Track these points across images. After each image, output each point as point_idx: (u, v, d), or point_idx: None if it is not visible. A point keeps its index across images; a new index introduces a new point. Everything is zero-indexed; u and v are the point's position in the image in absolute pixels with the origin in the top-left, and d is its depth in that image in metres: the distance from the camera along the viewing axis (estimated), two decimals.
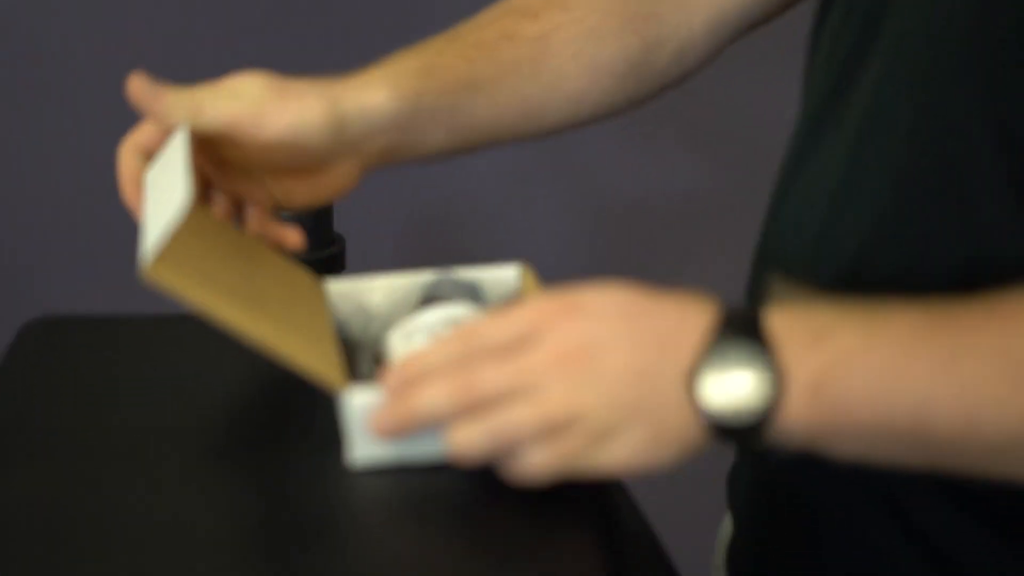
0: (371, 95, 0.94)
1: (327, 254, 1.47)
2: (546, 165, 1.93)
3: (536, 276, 0.91)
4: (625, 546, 0.96)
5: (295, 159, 0.92)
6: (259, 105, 0.90)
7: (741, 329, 0.76)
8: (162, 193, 0.81)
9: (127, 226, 1.90)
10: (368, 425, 0.78)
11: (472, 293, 0.91)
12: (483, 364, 0.77)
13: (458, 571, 0.72)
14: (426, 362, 0.78)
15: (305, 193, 0.94)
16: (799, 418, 0.76)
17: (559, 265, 1.86)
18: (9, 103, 1.86)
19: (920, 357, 0.76)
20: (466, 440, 0.76)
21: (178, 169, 0.80)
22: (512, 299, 0.93)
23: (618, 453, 0.76)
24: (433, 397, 0.77)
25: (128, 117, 1.87)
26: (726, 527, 1.08)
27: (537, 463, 0.76)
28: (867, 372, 0.75)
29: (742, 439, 0.76)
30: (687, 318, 0.77)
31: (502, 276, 0.93)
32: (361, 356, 0.89)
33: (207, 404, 0.87)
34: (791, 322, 0.77)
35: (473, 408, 0.76)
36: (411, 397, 0.77)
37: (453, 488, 0.79)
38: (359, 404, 0.79)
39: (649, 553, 1.02)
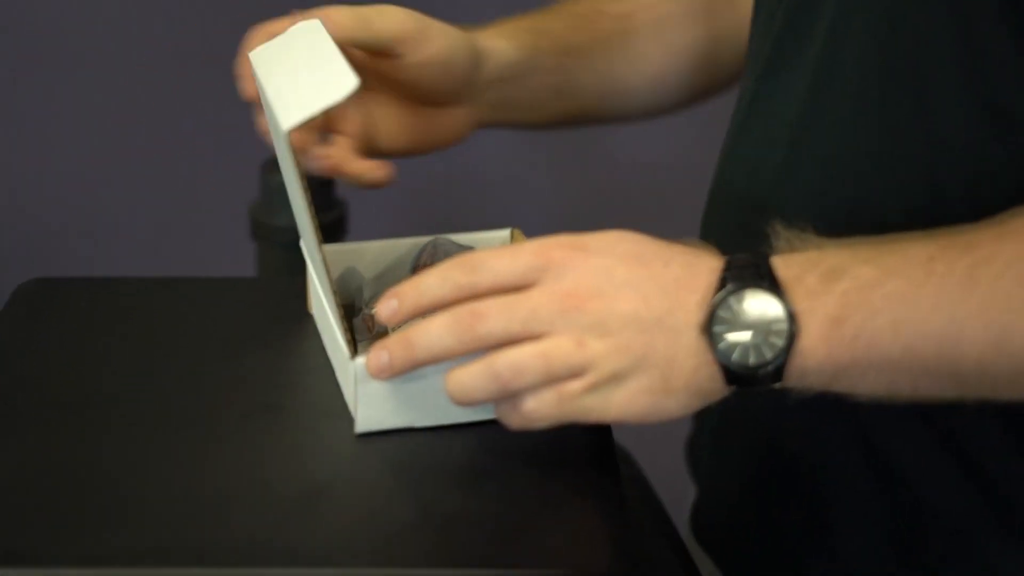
0: (497, 41, 0.98)
1: (328, 218, 1.46)
2: (550, 136, 1.91)
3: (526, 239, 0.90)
4: (632, 514, 0.95)
5: (437, 85, 0.94)
6: (421, 23, 0.92)
7: (751, 274, 0.75)
8: (299, 72, 0.79)
9: (125, 195, 1.89)
10: (367, 365, 0.76)
11: None
12: (487, 299, 0.75)
13: (461, 537, 0.71)
14: (426, 287, 0.76)
15: (415, 134, 0.96)
16: (819, 356, 0.74)
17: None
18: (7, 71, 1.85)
19: (939, 279, 0.75)
20: (468, 379, 0.74)
21: (330, 54, 0.78)
22: None
23: (623, 400, 0.75)
24: (434, 331, 0.75)
25: (129, 81, 1.85)
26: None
27: (539, 407, 0.74)
28: (887, 301, 0.74)
29: (757, 383, 0.75)
30: (695, 264, 0.76)
31: (494, 240, 0.92)
32: (354, 320, 0.88)
33: (205, 367, 0.85)
34: (802, 263, 0.76)
35: (475, 345, 0.74)
36: (410, 327, 0.75)
37: (458, 455, 0.78)
38: (361, 368, 0.77)
39: (655, 521, 1.01)
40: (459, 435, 0.79)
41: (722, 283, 0.75)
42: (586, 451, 0.79)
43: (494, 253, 0.76)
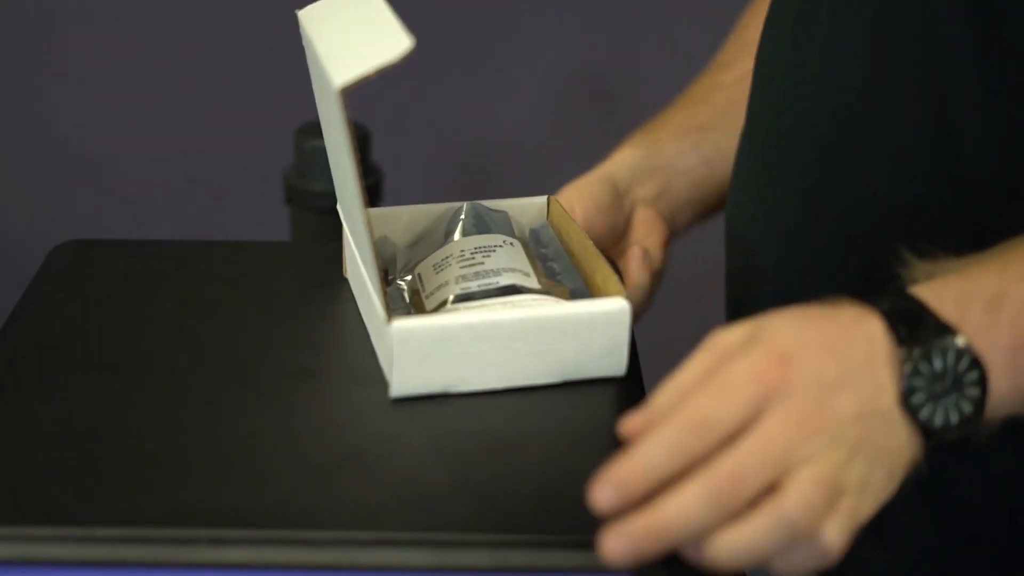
0: (619, 155, 1.05)
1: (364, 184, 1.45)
2: (590, 108, 1.90)
3: (563, 208, 0.90)
4: None
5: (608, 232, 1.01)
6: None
7: (919, 325, 0.73)
8: (351, 32, 0.78)
9: (161, 157, 1.89)
10: (604, 549, 0.67)
11: (500, 223, 0.90)
12: (731, 456, 0.69)
13: (494, 504, 0.71)
14: (652, 465, 0.69)
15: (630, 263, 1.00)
16: (1004, 390, 0.74)
17: None
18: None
19: None
20: (749, 538, 0.68)
21: (382, 14, 0.77)
22: (541, 224, 0.92)
23: (877, 496, 0.72)
24: (691, 511, 0.68)
25: (164, 44, 1.85)
26: None
27: (838, 534, 0.70)
28: None
29: (961, 435, 0.74)
30: (864, 329, 0.74)
31: (530, 206, 0.92)
32: (388, 288, 0.87)
33: (240, 331, 0.85)
34: (958, 299, 0.74)
35: (739, 509, 0.68)
36: (654, 508, 0.68)
37: (493, 421, 0.77)
38: (400, 332, 0.77)
39: None
40: (494, 401, 0.78)
41: (899, 342, 0.73)
42: (621, 419, 0.78)
43: (706, 401, 0.70)
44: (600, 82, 1.91)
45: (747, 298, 1.01)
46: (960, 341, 0.73)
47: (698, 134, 1.07)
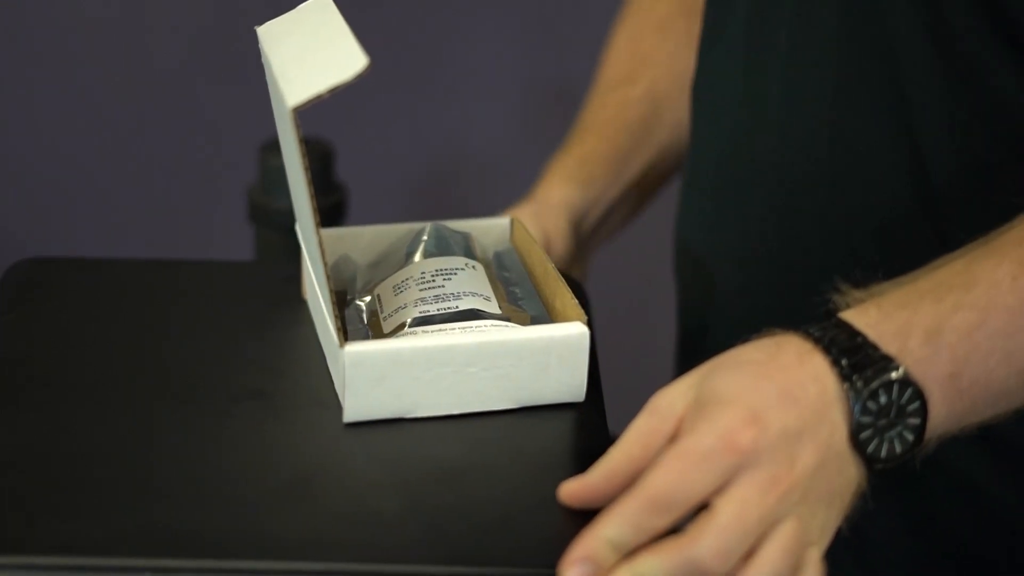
0: (568, 193, 1.06)
1: (328, 202, 1.44)
2: (559, 124, 1.90)
3: (527, 229, 0.90)
4: None
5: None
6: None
7: (862, 361, 0.74)
8: (308, 50, 0.77)
9: (123, 176, 1.88)
10: None
11: (463, 245, 0.89)
12: (700, 540, 0.69)
13: (447, 532, 0.70)
14: (621, 544, 0.69)
15: None
16: (942, 416, 0.75)
17: None
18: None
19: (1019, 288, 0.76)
20: None
21: (340, 33, 0.76)
22: (505, 247, 0.91)
23: (831, 532, 0.74)
24: None
25: (127, 62, 1.84)
26: None
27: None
28: (993, 340, 0.75)
29: (900, 464, 0.75)
30: (811, 370, 0.74)
31: (493, 227, 0.91)
32: (346, 309, 0.86)
33: (195, 351, 0.84)
34: (898, 330, 0.75)
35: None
36: None
37: (447, 447, 0.76)
38: (352, 356, 0.76)
39: None
40: (450, 427, 0.77)
41: (843, 378, 0.74)
42: (579, 447, 0.77)
43: (674, 472, 0.70)
44: (567, 97, 1.90)
45: (705, 325, 1.01)
46: (902, 373, 0.73)
47: (620, 164, 1.08)
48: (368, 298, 0.85)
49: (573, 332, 0.78)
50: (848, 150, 0.90)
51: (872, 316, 0.75)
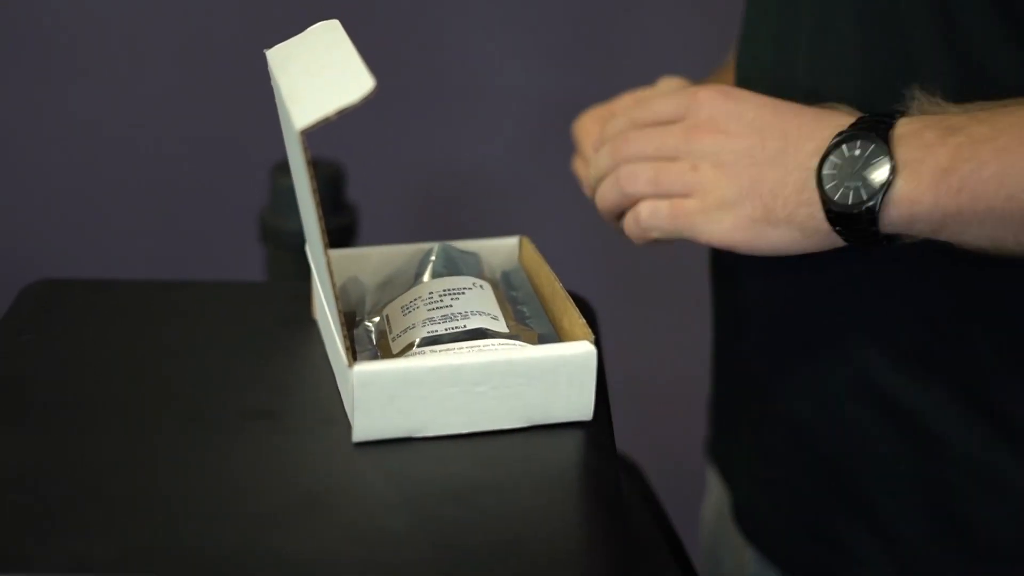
0: None
1: (339, 223, 1.45)
2: (568, 145, 1.90)
3: (536, 247, 0.90)
4: (634, 529, 0.94)
5: None
6: None
7: (869, 126, 0.81)
8: (315, 73, 0.78)
9: (135, 197, 1.88)
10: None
11: (471, 265, 0.89)
12: (637, 133, 0.89)
13: (455, 550, 0.70)
14: (612, 125, 0.92)
15: None
16: (926, 203, 0.80)
17: (569, 243, 1.84)
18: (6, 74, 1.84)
19: None
20: (603, 187, 0.90)
21: (347, 56, 0.77)
22: (513, 266, 0.92)
23: (730, 226, 0.84)
24: (600, 154, 0.91)
25: (140, 81, 1.85)
26: (713, 497, 1.11)
27: (652, 215, 0.87)
28: (995, 155, 0.79)
29: (856, 222, 0.81)
30: (825, 117, 0.84)
31: (501, 247, 0.91)
32: (355, 331, 0.87)
33: (207, 371, 0.85)
34: (925, 120, 0.81)
35: (622, 161, 0.89)
36: (587, 152, 0.99)
37: (456, 466, 0.76)
38: (361, 376, 0.76)
39: (660, 536, 1.00)
40: (458, 446, 0.77)
41: (840, 133, 0.82)
42: (588, 464, 0.78)
43: (660, 93, 0.91)
44: (574, 116, 1.91)
45: (736, 330, 1.02)
46: (885, 141, 0.80)
47: None
48: (377, 318, 0.86)
49: (581, 351, 0.78)
50: None
51: (919, 114, 0.83)
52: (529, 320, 0.86)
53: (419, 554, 0.69)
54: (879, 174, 0.80)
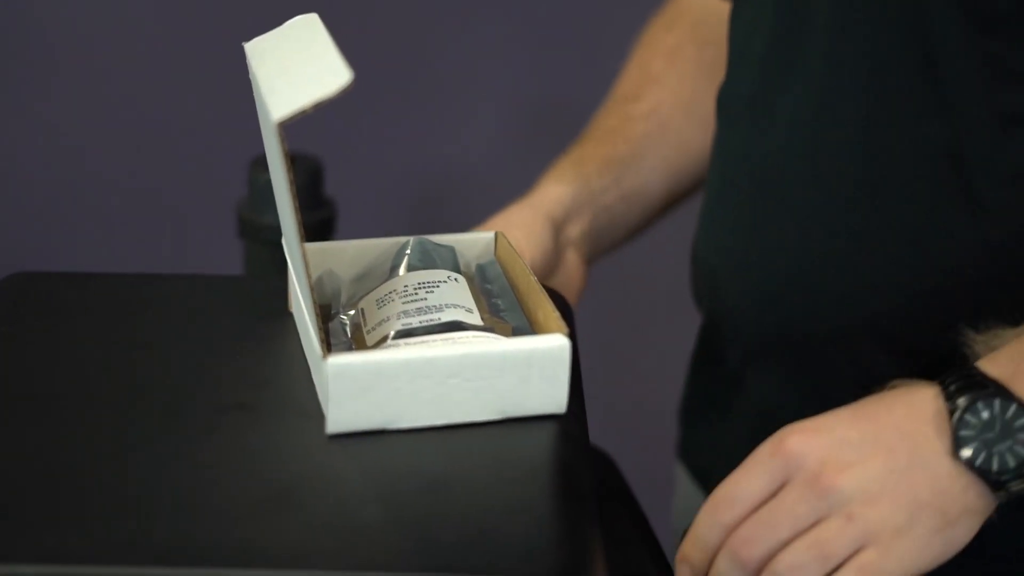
0: (552, 190, 1.05)
1: (317, 217, 1.45)
2: (546, 141, 1.90)
3: (512, 242, 0.90)
4: (607, 522, 0.94)
5: (545, 274, 1.02)
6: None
7: (971, 384, 0.76)
8: (293, 65, 0.78)
9: (112, 190, 1.88)
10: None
11: (446, 258, 0.89)
12: (748, 522, 0.77)
13: (428, 542, 0.70)
14: (704, 540, 0.79)
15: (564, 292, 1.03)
16: None
17: None
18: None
19: None
20: None
21: (325, 48, 0.77)
22: (488, 260, 0.92)
23: (917, 550, 0.76)
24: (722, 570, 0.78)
25: (117, 77, 1.85)
26: (682, 498, 1.11)
27: None
28: None
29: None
30: (913, 397, 0.77)
31: (477, 241, 0.92)
32: (330, 323, 0.87)
33: (182, 364, 0.85)
34: (1010, 358, 0.77)
35: (760, 568, 0.77)
36: None
37: (430, 458, 0.77)
38: (335, 368, 0.76)
39: (635, 530, 1.01)
40: (432, 438, 0.78)
41: (949, 403, 0.76)
42: (561, 457, 0.78)
43: (736, 476, 0.78)
44: (553, 113, 1.91)
45: (721, 352, 1.01)
46: (1003, 392, 0.75)
47: (619, 169, 1.08)
48: (352, 312, 0.86)
49: (555, 344, 0.79)
50: (884, 162, 0.90)
51: (992, 353, 0.78)
52: (504, 313, 0.86)
53: (391, 546, 0.70)
54: (1021, 425, 0.76)
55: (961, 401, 0.76)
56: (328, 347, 0.79)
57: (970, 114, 0.86)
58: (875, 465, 0.76)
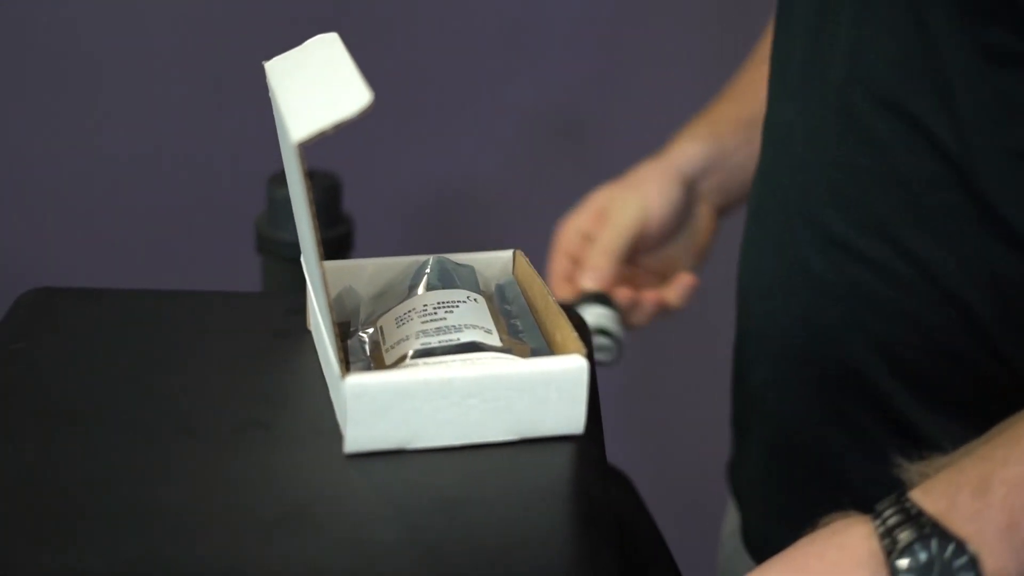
0: (687, 148, 1.13)
1: (335, 234, 1.45)
2: (563, 157, 1.91)
3: (530, 261, 0.90)
4: (628, 545, 0.94)
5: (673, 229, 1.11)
6: (643, 213, 1.11)
7: (905, 523, 0.74)
8: (313, 85, 0.78)
9: (131, 205, 1.89)
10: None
11: (466, 278, 0.89)
12: None
13: (444, 563, 0.70)
14: None
15: (693, 249, 1.13)
16: (1009, 567, 0.74)
17: None
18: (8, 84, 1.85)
19: None
20: None
21: (345, 69, 0.77)
22: (507, 279, 0.92)
23: None
24: None
25: (136, 91, 1.85)
26: (731, 520, 1.11)
27: None
28: None
29: None
30: (846, 540, 0.76)
31: (495, 260, 0.92)
32: (348, 340, 0.87)
33: (199, 382, 0.85)
34: (945, 490, 0.75)
35: None
36: None
37: (447, 478, 0.76)
38: (354, 387, 0.76)
39: (652, 551, 1.00)
40: (449, 458, 0.78)
41: (885, 541, 0.74)
42: (579, 478, 0.78)
43: None
44: (573, 129, 1.91)
45: (746, 370, 1.02)
46: (939, 531, 0.73)
47: (749, 130, 1.12)
48: (371, 330, 0.86)
49: (573, 365, 0.79)
50: (906, 191, 0.90)
51: (925, 484, 0.76)
52: (522, 334, 0.86)
53: (407, 566, 0.70)
54: (961, 564, 0.73)
55: (898, 540, 0.74)
56: (347, 366, 0.79)
57: (986, 149, 0.86)
58: None
